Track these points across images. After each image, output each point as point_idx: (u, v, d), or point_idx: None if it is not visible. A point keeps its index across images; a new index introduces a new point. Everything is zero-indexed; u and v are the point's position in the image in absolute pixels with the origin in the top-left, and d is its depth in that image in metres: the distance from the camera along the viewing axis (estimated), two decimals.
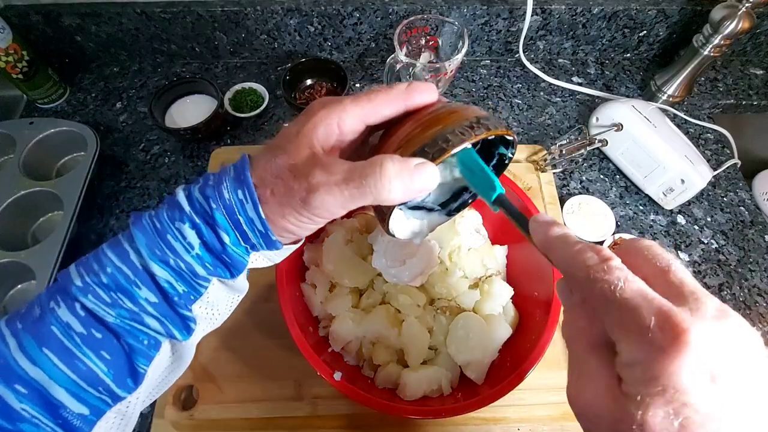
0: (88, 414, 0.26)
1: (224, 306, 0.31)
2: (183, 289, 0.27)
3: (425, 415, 0.43)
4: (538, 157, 0.71)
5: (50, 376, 0.24)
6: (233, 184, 0.26)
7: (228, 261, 0.27)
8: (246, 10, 0.76)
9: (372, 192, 0.24)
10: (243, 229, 0.26)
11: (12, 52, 0.69)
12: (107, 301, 0.26)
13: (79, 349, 0.25)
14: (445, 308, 0.51)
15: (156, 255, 0.26)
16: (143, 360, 0.27)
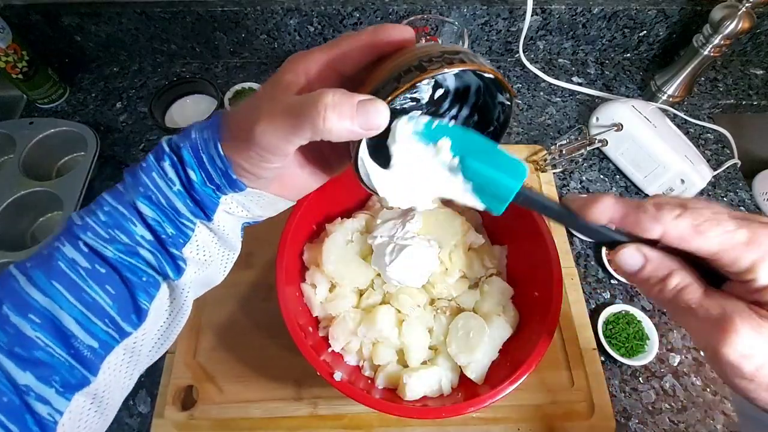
0: (97, 347, 0.27)
1: (216, 256, 0.32)
2: (171, 231, 0.28)
3: (425, 415, 0.43)
4: (538, 157, 0.71)
5: (60, 306, 0.26)
6: (201, 126, 0.28)
7: (199, 199, 0.28)
8: (246, 10, 0.76)
9: (308, 121, 0.23)
10: (206, 168, 0.27)
11: (12, 52, 0.69)
12: (106, 237, 0.27)
13: (85, 282, 0.27)
14: (445, 308, 0.51)
15: (140, 192, 0.27)
16: (143, 295, 0.28)
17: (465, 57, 0.25)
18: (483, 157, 0.29)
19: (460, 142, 0.28)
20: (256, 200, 0.30)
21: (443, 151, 0.28)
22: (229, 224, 0.31)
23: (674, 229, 0.24)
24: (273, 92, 0.26)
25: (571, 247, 0.65)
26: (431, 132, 0.28)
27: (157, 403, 0.53)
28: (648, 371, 0.58)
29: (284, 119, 0.24)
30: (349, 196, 0.59)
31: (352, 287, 0.51)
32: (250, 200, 0.30)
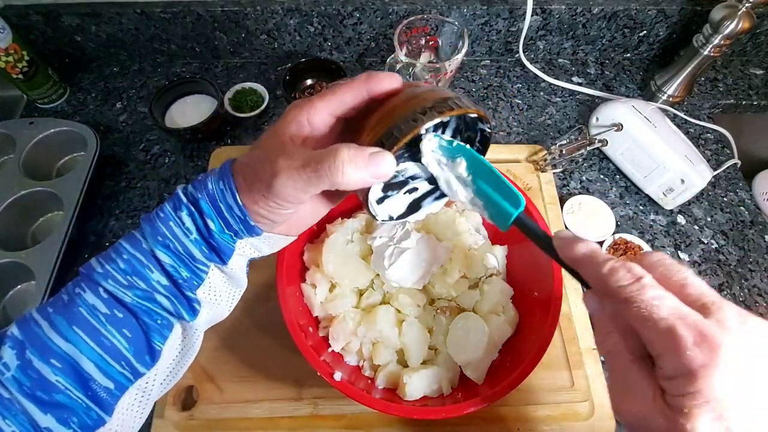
0: (113, 388, 0.29)
1: (225, 295, 0.34)
2: (186, 274, 0.30)
3: (425, 415, 0.43)
4: (538, 157, 0.71)
5: (81, 351, 0.28)
6: (216, 177, 0.30)
7: (216, 246, 0.30)
8: (246, 10, 0.76)
9: (327, 176, 0.26)
10: (225, 216, 0.29)
11: (12, 52, 0.69)
12: (125, 284, 0.29)
13: (104, 327, 0.28)
14: (445, 308, 0.51)
15: (159, 241, 0.29)
16: (158, 337, 0.30)
17: (453, 104, 0.29)
18: (491, 183, 0.34)
19: (473, 164, 0.34)
20: (267, 241, 0.32)
21: (460, 166, 0.34)
22: (239, 264, 0.33)
23: (612, 295, 0.26)
24: (282, 144, 0.29)
25: None
26: (452, 149, 0.34)
27: (157, 403, 0.53)
28: None
29: (303, 174, 0.27)
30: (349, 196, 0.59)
31: (352, 287, 0.51)
32: (262, 242, 0.32)
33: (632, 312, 0.24)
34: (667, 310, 0.23)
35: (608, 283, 0.26)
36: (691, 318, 0.23)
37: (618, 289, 0.25)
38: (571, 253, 0.29)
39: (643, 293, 0.24)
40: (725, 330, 0.22)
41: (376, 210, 0.34)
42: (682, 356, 0.22)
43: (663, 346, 0.23)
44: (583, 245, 0.29)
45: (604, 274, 0.26)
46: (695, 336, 0.22)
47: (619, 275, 0.26)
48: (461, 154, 0.34)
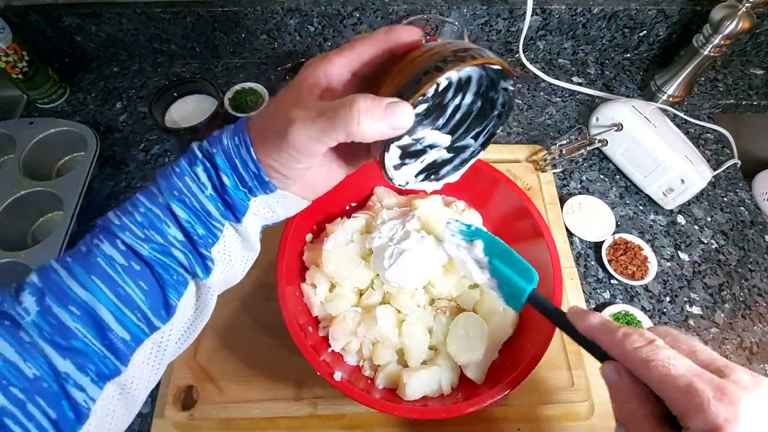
0: (129, 339, 0.29)
1: (239, 257, 0.34)
2: (202, 231, 0.30)
3: (425, 415, 0.43)
4: (538, 157, 0.71)
5: (98, 300, 0.28)
6: (231, 133, 0.30)
7: (231, 202, 0.30)
8: (246, 10, 0.76)
9: (342, 125, 0.25)
10: (240, 172, 0.29)
11: (12, 52, 0.69)
12: (141, 237, 0.29)
13: (121, 278, 0.29)
14: (445, 308, 0.51)
15: (175, 196, 0.29)
16: (173, 292, 0.30)
17: (475, 53, 0.27)
18: (506, 261, 0.38)
19: (490, 245, 0.40)
20: (282, 201, 0.32)
21: (477, 248, 0.40)
22: (253, 226, 0.32)
23: (630, 359, 0.27)
24: (298, 96, 0.28)
25: (571, 247, 0.65)
26: (470, 232, 0.41)
27: (157, 403, 0.53)
28: None
29: (318, 123, 0.26)
30: (349, 196, 0.59)
31: (352, 287, 0.51)
32: (276, 201, 0.31)
33: (651, 372, 0.26)
34: (683, 368, 0.25)
35: (624, 346, 0.28)
36: (707, 375, 0.25)
37: (634, 351, 0.27)
38: (585, 324, 0.32)
39: (658, 353, 0.26)
40: (742, 388, 0.24)
41: (393, 174, 0.32)
42: (707, 411, 0.23)
43: (686, 403, 0.24)
44: (595, 316, 0.32)
45: (619, 339, 0.28)
46: (715, 392, 0.24)
47: (634, 338, 0.28)
48: (479, 237, 0.40)
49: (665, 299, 0.63)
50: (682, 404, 0.25)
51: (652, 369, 0.26)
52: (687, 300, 0.63)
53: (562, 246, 0.63)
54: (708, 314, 0.62)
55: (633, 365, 0.27)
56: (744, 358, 0.59)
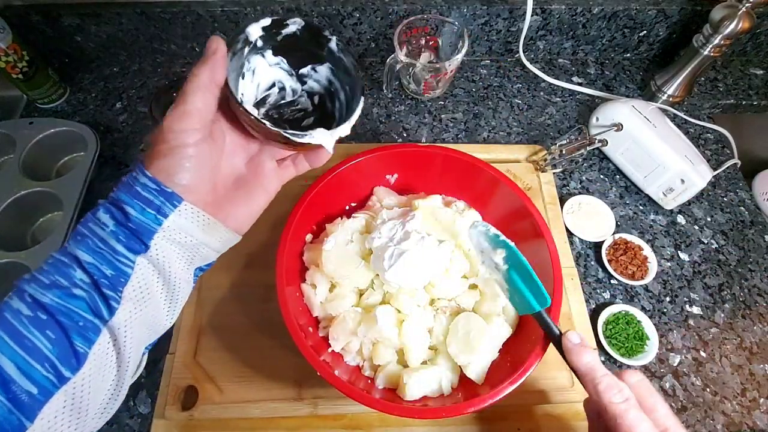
0: (36, 392, 0.28)
1: (158, 295, 0.33)
2: (110, 272, 0.30)
3: (425, 415, 0.43)
4: (538, 157, 0.71)
5: (2, 352, 0.27)
6: (129, 173, 0.32)
7: (134, 229, 0.31)
8: (246, 10, 0.76)
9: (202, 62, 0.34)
10: (142, 195, 0.30)
11: (12, 52, 0.69)
12: (47, 284, 0.29)
13: (26, 329, 0.28)
14: (445, 308, 0.51)
15: (78, 240, 0.30)
16: (79, 339, 0.29)
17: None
18: (523, 277, 0.42)
19: (512, 258, 0.43)
20: (195, 219, 0.32)
21: (499, 256, 0.44)
22: (172, 257, 0.32)
23: (604, 409, 0.35)
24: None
25: (571, 247, 0.65)
26: (497, 240, 0.44)
27: (157, 403, 0.53)
28: (648, 371, 0.58)
29: (180, 94, 0.32)
30: (348, 196, 0.59)
31: (352, 287, 0.51)
32: (188, 221, 0.32)
33: (617, 427, 0.34)
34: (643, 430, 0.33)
35: (602, 397, 0.35)
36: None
37: (610, 405, 0.35)
38: (576, 361, 0.38)
39: (628, 414, 0.34)
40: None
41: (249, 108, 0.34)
42: None
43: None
44: (588, 356, 0.38)
45: (601, 389, 0.35)
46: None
47: (613, 392, 0.35)
48: (503, 247, 0.43)
49: (665, 299, 0.63)
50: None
51: (620, 427, 0.33)
52: (687, 300, 0.63)
53: (562, 246, 0.63)
54: (708, 314, 0.62)
55: (605, 415, 0.35)
56: (744, 358, 0.59)
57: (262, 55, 0.37)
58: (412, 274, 0.48)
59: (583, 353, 0.38)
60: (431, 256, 0.49)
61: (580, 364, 0.38)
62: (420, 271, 0.48)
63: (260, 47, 0.37)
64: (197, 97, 0.32)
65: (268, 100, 0.39)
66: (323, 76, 0.39)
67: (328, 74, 0.39)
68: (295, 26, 0.36)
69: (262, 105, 0.39)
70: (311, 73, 0.40)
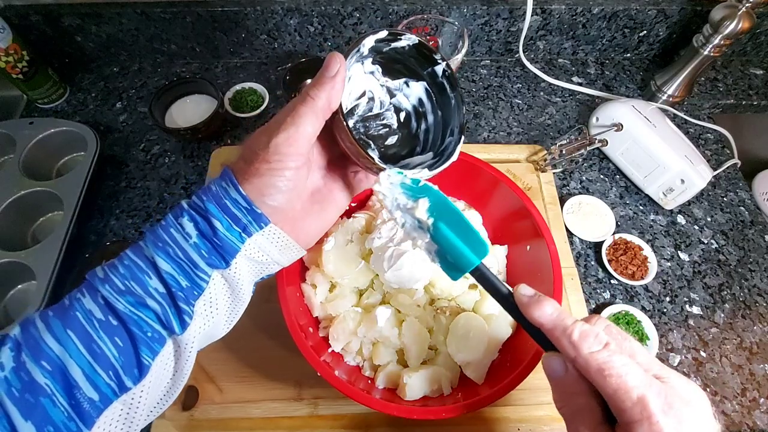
0: (97, 399, 0.27)
1: (224, 309, 0.32)
2: (186, 283, 0.30)
3: (425, 415, 0.43)
4: (538, 157, 0.71)
5: (71, 355, 0.27)
6: (218, 179, 0.31)
7: (219, 245, 0.30)
8: (246, 10, 0.76)
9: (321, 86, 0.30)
10: (231, 211, 0.30)
11: (12, 52, 0.69)
12: (121, 289, 0.29)
13: (96, 333, 0.28)
14: (445, 308, 0.51)
15: (159, 247, 0.29)
16: (146, 350, 0.29)
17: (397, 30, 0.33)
18: (454, 227, 0.33)
19: (438, 206, 0.33)
20: (275, 241, 0.32)
21: (420, 208, 0.34)
22: (244, 273, 0.32)
23: (583, 361, 0.28)
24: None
25: (571, 247, 0.65)
26: (416, 188, 0.34)
27: None
28: None
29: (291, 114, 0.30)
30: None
31: (352, 287, 0.51)
32: (269, 242, 0.32)
33: (605, 381, 0.26)
34: (637, 379, 0.26)
35: (580, 350, 0.28)
36: (655, 387, 0.26)
37: (590, 356, 0.27)
38: (536, 314, 0.31)
39: (613, 361, 0.27)
40: (685, 402, 0.26)
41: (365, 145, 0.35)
42: (654, 424, 0.25)
43: (636, 414, 0.25)
44: (549, 305, 0.30)
45: (575, 341, 0.28)
46: (663, 405, 0.25)
47: (590, 341, 0.28)
48: (426, 194, 0.34)
49: (665, 299, 0.63)
50: (633, 414, 0.26)
51: (608, 378, 0.26)
52: (687, 300, 0.63)
53: (562, 246, 0.63)
54: (708, 314, 0.62)
55: (587, 371, 0.28)
56: (744, 358, 0.59)
57: (362, 63, 0.36)
58: (411, 274, 0.48)
59: (543, 304, 0.30)
60: None
61: (543, 318, 0.30)
62: (420, 271, 0.48)
63: (365, 56, 0.35)
64: (309, 120, 0.30)
65: (357, 111, 0.38)
66: (415, 94, 0.38)
67: (421, 93, 0.37)
68: (406, 41, 0.35)
69: (351, 115, 0.37)
70: (402, 87, 0.38)
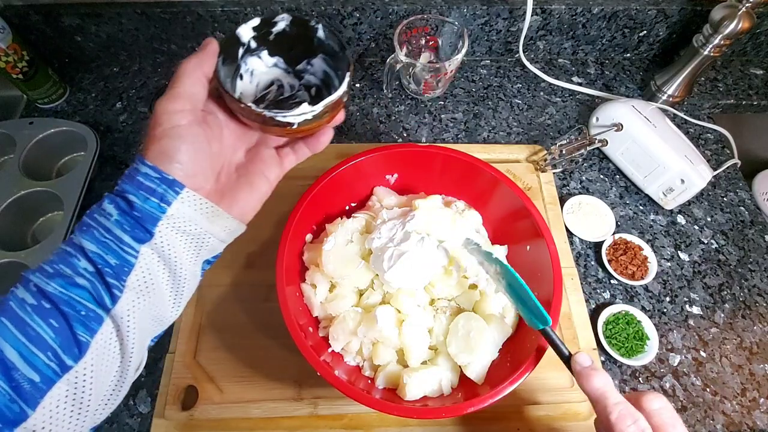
0: (38, 380, 0.28)
1: (164, 285, 0.33)
2: (114, 261, 0.31)
3: (425, 415, 0.43)
4: (538, 157, 0.71)
5: (5, 339, 0.28)
6: (131, 165, 0.33)
7: (139, 217, 0.31)
8: (246, 10, 0.76)
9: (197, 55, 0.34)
10: (145, 185, 0.31)
11: (12, 52, 0.69)
12: (51, 273, 0.30)
13: (30, 317, 0.28)
14: (445, 308, 0.51)
15: (84, 231, 0.31)
16: (81, 328, 0.29)
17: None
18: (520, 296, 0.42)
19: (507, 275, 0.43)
20: (199, 207, 0.33)
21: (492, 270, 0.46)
22: (178, 247, 0.33)
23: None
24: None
25: (571, 247, 0.65)
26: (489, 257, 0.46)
27: (157, 403, 0.53)
28: (648, 371, 0.58)
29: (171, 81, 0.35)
30: (349, 196, 0.59)
31: (352, 287, 0.51)
32: (192, 209, 0.32)
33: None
34: None
35: (614, 428, 0.32)
36: None
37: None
38: (586, 386, 0.36)
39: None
40: None
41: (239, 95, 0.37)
42: None
43: None
44: (599, 379, 0.35)
45: (614, 419, 0.33)
46: None
47: (626, 424, 0.32)
48: (497, 264, 0.45)
49: (665, 299, 0.63)
50: None
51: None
52: (687, 300, 0.63)
53: (562, 246, 0.63)
54: (708, 314, 0.62)
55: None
56: (744, 358, 0.59)
57: (259, 57, 0.39)
58: (411, 275, 0.48)
59: (594, 377, 0.36)
60: (431, 256, 0.49)
61: (590, 389, 0.35)
62: (420, 272, 0.48)
63: (255, 48, 0.38)
64: (185, 81, 0.34)
65: (268, 97, 0.40)
66: (319, 69, 0.40)
67: (323, 65, 0.40)
68: (283, 23, 0.38)
69: (261, 102, 0.40)
70: (307, 68, 0.41)
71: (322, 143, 0.39)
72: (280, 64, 0.40)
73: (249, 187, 0.36)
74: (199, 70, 0.34)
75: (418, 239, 0.49)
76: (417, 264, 0.48)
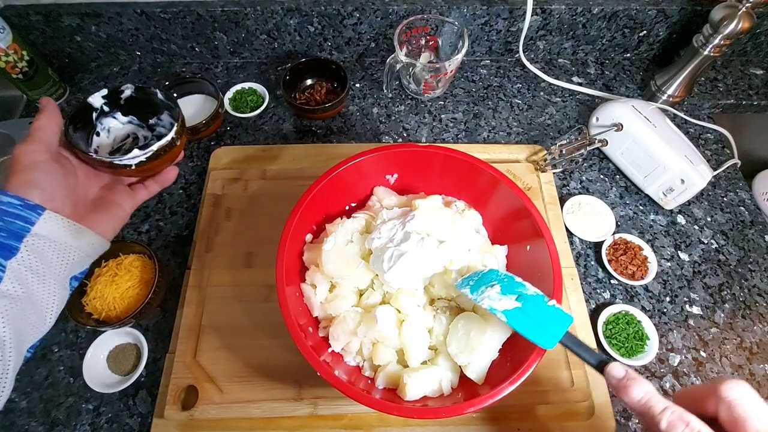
0: None
1: (36, 294, 0.37)
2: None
3: (425, 415, 0.43)
4: (538, 157, 0.71)
5: None
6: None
7: (5, 236, 0.35)
8: (246, 10, 0.76)
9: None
10: (10, 212, 0.35)
11: (12, 52, 0.69)
12: None
13: None
14: (445, 308, 0.51)
15: None
16: None
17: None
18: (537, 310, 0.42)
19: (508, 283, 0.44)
20: (61, 225, 0.38)
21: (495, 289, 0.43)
22: (46, 260, 0.37)
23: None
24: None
25: (571, 247, 0.65)
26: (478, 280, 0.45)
27: (157, 403, 0.53)
28: (648, 371, 0.58)
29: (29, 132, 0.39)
30: (349, 196, 0.59)
31: (352, 287, 0.51)
32: (56, 227, 0.37)
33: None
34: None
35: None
36: None
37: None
38: (627, 399, 0.33)
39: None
40: None
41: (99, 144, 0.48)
42: None
43: None
44: (638, 389, 0.32)
45: (665, 429, 0.29)
46: None
47: (679, 430, 0.29)
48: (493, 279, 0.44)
49: (665, 299, 0.63)
50: None
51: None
52: (687, 300, 0.63)
53: (562, 246, 0.63)
54: (708, 314, 0.62)
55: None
56: (744, 358, 0.59)
57: (114, 117, 0.49)
58: (411, 275, 0.48)
59: (632, 387, 0.33)
60: (431, 256, 0.49)
61: (631, 402, 0.32)
62: (420, 272, 0.48)
63: (108, 111, 0.48)
64: (39, 133, 0.39)
65: (124, 147, 0.50)
66: (167, 122, 0.50)
67: (169, 119, 0.50)
68: (128, 90, 0.48)
69: (119, 151, 0.49)
70: (158, 122, 0.51)
71: (169, 180, 0.49)
72: (135, 121, 0.50)
73: (106, 215, 0.43)
74: (49, 125, 0.40)
75: (418, 239, 0.49)
76: (417, 264, 0.48)
